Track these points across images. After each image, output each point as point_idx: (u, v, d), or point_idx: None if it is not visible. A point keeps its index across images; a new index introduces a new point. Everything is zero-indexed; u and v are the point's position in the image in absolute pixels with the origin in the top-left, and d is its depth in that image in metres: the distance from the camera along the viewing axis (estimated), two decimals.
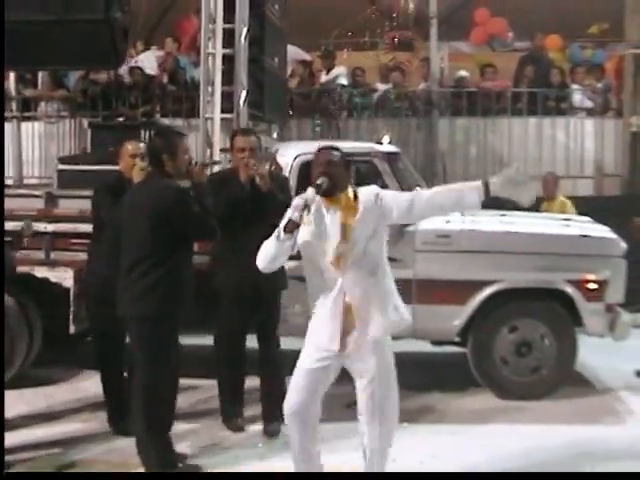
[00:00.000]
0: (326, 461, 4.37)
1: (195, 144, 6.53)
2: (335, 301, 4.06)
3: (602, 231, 6.54)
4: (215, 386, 5.73)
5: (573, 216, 7.63)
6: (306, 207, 3.91)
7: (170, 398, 4.90)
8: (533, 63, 10.69)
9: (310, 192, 3.97)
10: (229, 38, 6.40)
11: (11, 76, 9.60)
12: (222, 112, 6.36)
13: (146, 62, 11.23)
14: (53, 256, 6.47)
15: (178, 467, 4.80)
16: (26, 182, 9.59)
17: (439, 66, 10.60)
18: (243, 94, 6.43)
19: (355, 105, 10.41)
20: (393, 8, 11.20)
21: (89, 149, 8.39)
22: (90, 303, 5.66)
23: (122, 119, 8.07)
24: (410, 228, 6.21)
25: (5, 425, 5.45)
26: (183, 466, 4.85)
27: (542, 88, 10.27)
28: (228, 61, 6.43)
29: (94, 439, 5.45)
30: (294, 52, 11.19)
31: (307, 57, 11.29)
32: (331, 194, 4.07)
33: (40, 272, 6.41)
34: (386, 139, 6.62)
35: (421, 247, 6.23)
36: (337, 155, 4.17)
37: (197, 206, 4.66)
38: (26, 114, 10.31)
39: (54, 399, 6.35)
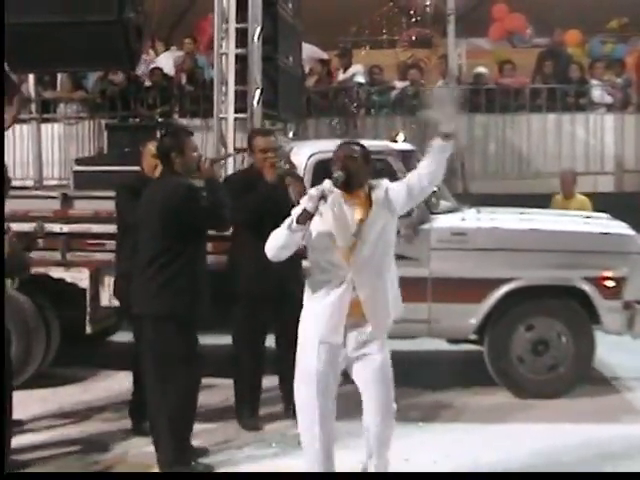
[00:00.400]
0: (340, 459, 4.34)
1: (209, 144, 6.55)
2: (342, 295, 4.04)
3: (620, 228, 6.48)
4: (227, 385, 5.73)
5: (590, 213, 7.56)
6: (322, 198, 3.91)
7: (190, 399, 4.85)
8: (552, 59, 10.61)
9: (327, 184, 3.97)
10: (242, 38, 6.39)
11: (30, 78, 9.66)
12: (236, 112, 6.36)
13: (165, 63, 11.29)
14: (69, 257, 6.50)
15: (191, 465, 4.80)
16: (46, 183, 9.64)
17: (457, 63, 10.53)
18: (257, 93, 6.42)
19: (373, 103, 10.38)
20: (411, 5, 11.15)
21: (106, 150, 8.43)
22: (124, 305, 5.62)
23: (138, 120, 8.09)
24: (425, 226, 6.21)
25: (22, 424, 5.52)
26: (195, 464, 4.84)
27: (561, 84, 10.18)
28: (242, 61, 6.43)
29: (112, 439, 5.45)
30: (311, 51, 11.20)
31: (324, 56, 11.28)
32: (349, 189, 4.06)
33: (56, 273, 6.46)
34: (401, 137, 6.58)
35: (436, 245, 6.19)
36: (358, 150, 4.15)
37: (207, 201, 4.66)
38: (46, 116, 10.37)
39: (72, 399, 6.38)
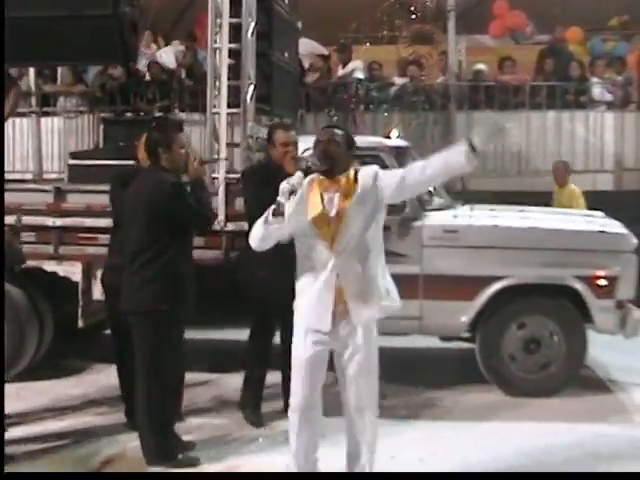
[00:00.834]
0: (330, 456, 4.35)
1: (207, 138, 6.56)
2: (326, 282, 4.03)
3: (613, 226, 6.45)
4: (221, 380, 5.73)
5: (585, 211, 7.55)
6: (292, 192, 3.91)
7: (171, 393, 4.89)
8: (553, 56, 10.55)
9: (297, 177, 3.96)
10: (237, 33, 6.37)
11: (30, 72, 9.66)
12: (229, 107, 6.34)
13: (165, 57, 11.28)
14: (62, 250, 6.52)
15: (178, 459, 4.80)
16: (46, 177, 9.65)
17: (457, 59, 10.50)
18: (250, 89, 6.40)
19: (372, 99, 10.34)
20: (411, 1, 11.11)
21: (101, 144, 8.42)
22: (107, 297, 5.65)
23: (134, 114, 8.07)
24: (417, 223, 6.20)
25: (12, 417, 5.53)
26: (183, 458, 4.84)
27: (562, 81, 10.13)
28: (236, 56, 6.41)
29: (104, 433, 5.44)
30: (312, 46, 11.17)
31: (324, 51, 11.24)
32: (331, 174, 4.04)
33: (49, 266, 6.48)
34: (395, 133, 6.58)
35: (428, 242, 6.19)
36: (339, 135, 4.12)
37: (191, 199, 4.67)
38: (45, 109, 10.35)
39: (65, 392, 6.40)
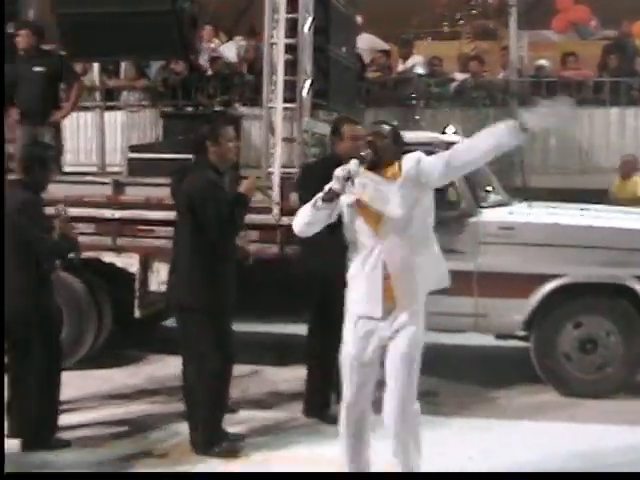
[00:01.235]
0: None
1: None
2: (374, 268, 4.02)
3: None
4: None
5: None
6: (348, 178, 3.92)
7: (217, 385, 4.89)
8: (618, 51, 10.33)
9: (354, 163, 3.96)
10: (294, 28, 6.40)
11: (95, 67, 9.84)
12: (285, 101, 6.37)
13: (227, 52, 11.37)
14: (119, 242, 6.64)
15: (221, 448, 4.85)
16: (108, 170, 9.83)
17: (518, 55, 10.35)
18: (307, 83, 6.42)
19: (432, 94, 10.27)
20: None
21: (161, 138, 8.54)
22: None
23: (193, 108, 8.15)
24: (473, 220, 6.16)
25: (70, 404, 5.67)
26: (225, 447, 4.87)
27: (626, 77, 9.92)
28: (293, 51, 6.43)
29: (160, 421, 5.52)
30: (373, 41, 11.17)
31: (386, 46, 11.20)
32: (376, 165, 4.05)
33: (107, 257, 6.61)
34: (451, 129, 6.54)
35: (484, 239, 6.13)
36: (386, 129, 4.15)
37: (222, 204, 4.62)
38: (109, 104, 10.54)
39: (122, 381, 6.53)
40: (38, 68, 7.26)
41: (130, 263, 6.58)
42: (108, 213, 6.61)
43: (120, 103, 10.70)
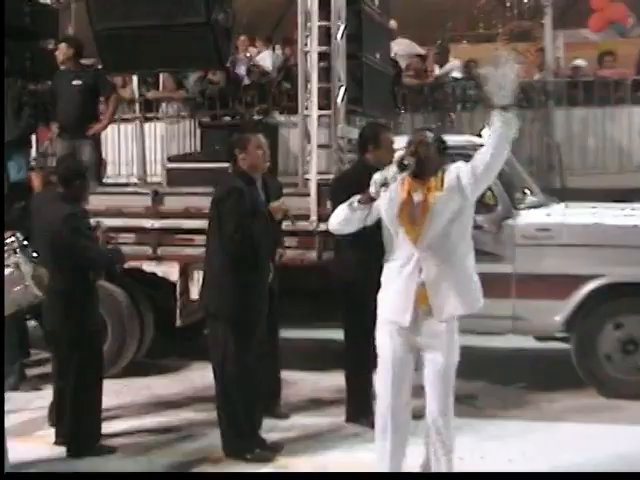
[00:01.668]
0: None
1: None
2: (409, 277, 4.06)
3: None
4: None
5: None
6: (384, 185, 3.95)
7: (250, 392, 4.91)
8: None
9: (391, 171, 4.00)
10: (327, 35, 6.45)
11: (134, 79, 9.99)
12: (320, 109, 6.42)
13: (264, 61, 11.46)
14: (160, 252, 6.74)
15: (253, 454, 4.89)
16: (149, 180, 9.96)
17: (554, 55, 10.28)
18: (341, 90, 6.47)
19: (469, 97, 10.25)
20: None
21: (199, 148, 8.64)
22: None
23: (231, 118, 8.23)
24: (509, 222, 6.15)
25: (111, 411, 5.76)
26: (257, 454, 4.90)
27: None
28: (326, 58, 6.48)
29: (200, 429, 5.57)
30: (409, 46, 11.16)
31: (422, 51, 11.20)
32: (419, 175, 4.08)
33: (148, 267, 6.71)
34: (486, 132, 6.51)
35: (521, 241, 6.12)
36: (430, 137, 4.17)
37: (238, 215, 4.63)
38: (148, 115, 10.68)
39: (164, 390, 6.60)
40: (76, 82, 7.42)
41: (171, 272, 6.67)
42: (148, 223, 6.72)
43: (159, 114, 10.86)
